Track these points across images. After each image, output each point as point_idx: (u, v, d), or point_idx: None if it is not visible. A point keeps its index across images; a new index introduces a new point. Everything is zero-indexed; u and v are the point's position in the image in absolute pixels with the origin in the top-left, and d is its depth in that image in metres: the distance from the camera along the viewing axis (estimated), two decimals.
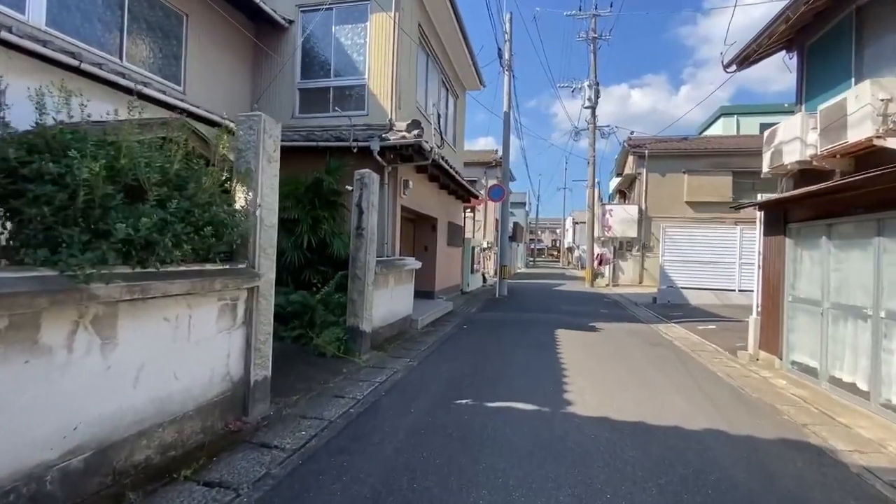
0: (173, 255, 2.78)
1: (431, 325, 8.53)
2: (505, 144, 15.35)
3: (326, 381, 4.78)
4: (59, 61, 4.69)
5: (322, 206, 7.57)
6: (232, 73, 8.34)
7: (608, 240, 21.20)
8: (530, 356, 6.24)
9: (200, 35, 7.60)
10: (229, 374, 3.55)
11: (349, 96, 8.62)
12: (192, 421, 3.18)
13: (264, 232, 3.77)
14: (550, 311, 11.28)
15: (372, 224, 5.98)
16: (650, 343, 7.57)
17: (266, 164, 3.77)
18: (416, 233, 11.49)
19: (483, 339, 7.41)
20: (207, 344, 3.29)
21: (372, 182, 5.95)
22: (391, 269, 6.76)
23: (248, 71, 8.78)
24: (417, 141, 7.42)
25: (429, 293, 11.25)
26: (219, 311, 3.38)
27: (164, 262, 2.82)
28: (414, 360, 5.92)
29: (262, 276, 3.73)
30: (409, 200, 8.98)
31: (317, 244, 7.25)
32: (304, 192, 7.53)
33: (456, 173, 10.37)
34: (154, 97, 5.64)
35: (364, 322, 5.88)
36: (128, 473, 2.68)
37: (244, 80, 8.71)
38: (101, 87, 5.10)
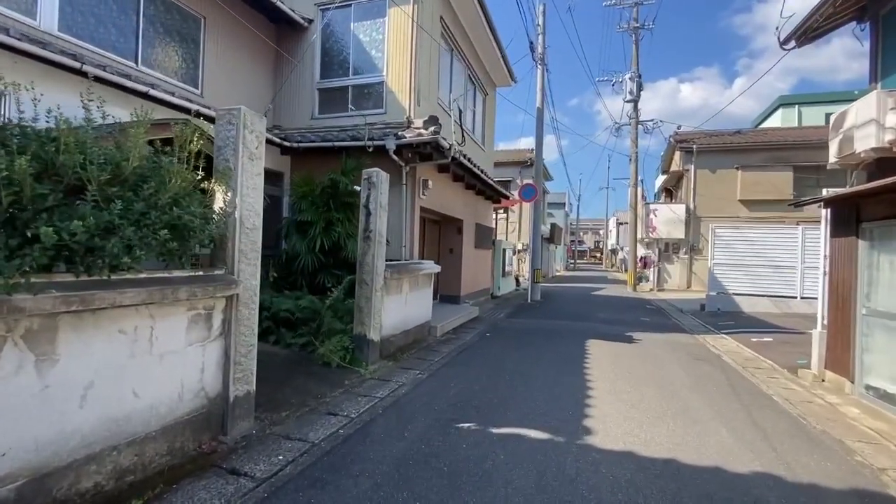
0: (122, 262, 2.50)
1: (452, 333, 8.08)
2: (538, 142, 14.66)
3: (323, 395, 4.44)
4: (62, 64, 4.66)
5: (337, 207, 7.32)
6: (251, 75, 8.28)
7: (653, 241, 19.93)
8: (553, 371, 5.66)
9: (218, 37, 7.57)
10: (204, 390, 3.27)
11: (368, 95, 8.35)
12: (156, 442, 2.91)
13: (245, 235, 3.47)
14: (585, 319, 10.53)
15: (380, 226, 5.62)
16: (694, 358, 6.75)
17: (247, 161, 3.47)
18: (441, 235, 11.09)
19: (504, 350, 6.87)
20: (175, 357, 3.01)
21: (381, 181, 5.60)
22: (405, 274, 6.39)
23: (268, 72, 8.71)
24: (434, 138, 7.01)
25: (454, 298, 10.81)
26: (189, 321, 3.11)
27: (117, 270, 2.56)
28: (424, 371, 5.50)
29: (241, 283, 3.44)
30: (430, 201, 8.59)
31: (329, 247, 7.00)
32: (320, 193, 7.32)
33: (481, 172, 9.88)
34: (162, 98, 5.57)
35: (371, 330, 5.52)
36: (71, 502, 2.42)
37: (264, 81, 8.64)
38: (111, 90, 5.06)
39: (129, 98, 5.34)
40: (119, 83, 5.17)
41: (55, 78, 4.64)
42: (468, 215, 11.28)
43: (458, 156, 7.90)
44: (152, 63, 6.54)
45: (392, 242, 7.82)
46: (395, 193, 7.74)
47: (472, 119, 11.73)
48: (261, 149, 3.62)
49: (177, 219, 2.81)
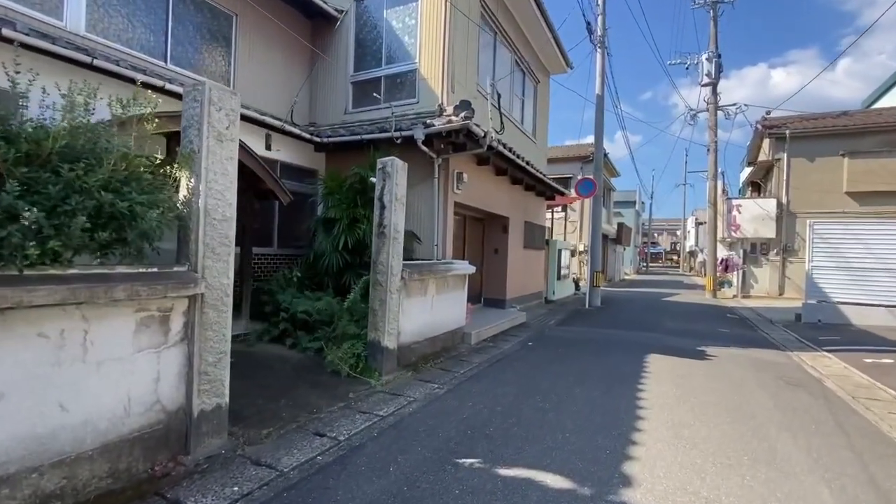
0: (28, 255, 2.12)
1: (490, 341, 7.32)
2: (597, 132, 13.40)
3: (319, 410, 3.94)
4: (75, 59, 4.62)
5: (364, 204, 6.88)
6: (285, 72, 8.14)
7: (736, 241, 17.61)
8: (597, 393, 4.73)
9: (251, 34, 7.49)
10: (160, 403, 2.86)
11: (400, 84, 7.88)
12: (93, 463, 2.52)
13: (211, 227, 3.04)
14: (649, 328, 9.23)
15: (396, 221, 5.04)
16: (786, 382, 5.42)
17: (214, 143, 3.04)
18: (485, 234, 10.34)
19: (544, 363, 6.00)
20: (119, 366, 2.62)
21: (396, 171, 5.03)
22: (429, 274, 5.76)
23: (302, 68, 8.54)
24: (465, 124, 6.33)
25: (498, 301, 10.01)
26: (138, 324, 2.71)
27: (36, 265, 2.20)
28: (444, 385, 4.83)
29: (206, 282, 3.01)
30: (467, 196, 7.90)
31: (354, 245, 6.57)
32: (347, 189, 6.93)
33: (526, 164, 9.01)
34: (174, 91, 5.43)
35: (386, 336, 4.96)
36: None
37: (298, 78, 8.48)
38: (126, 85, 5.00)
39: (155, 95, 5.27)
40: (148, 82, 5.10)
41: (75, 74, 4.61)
42: (515, 213, 10.42)
43: (495, 144, 7.14)
44: (181, 61, 6.53)
45: (423, 241, 7.25)
46: (426, 188, 7.17)
47: (520, 109, 10.88)
48: (233, 130, 3.18)
49: (108, 205, 2.41)
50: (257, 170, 5.84)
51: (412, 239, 7.31)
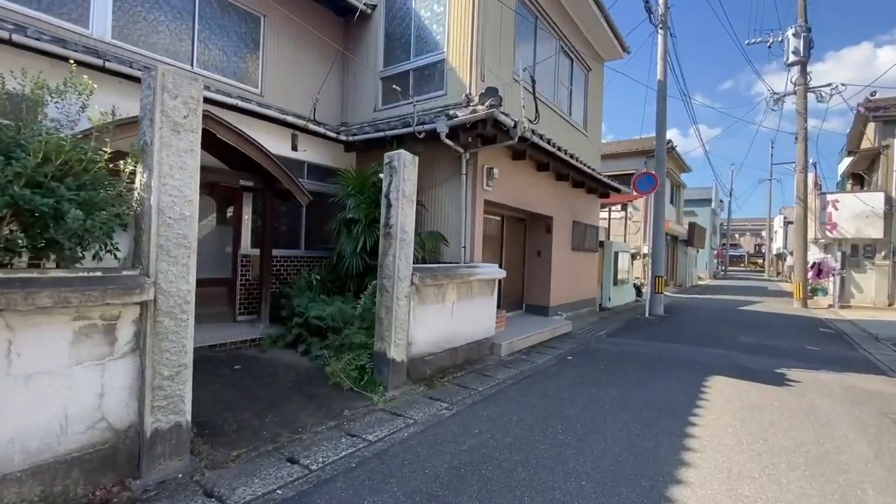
0: None
1: (524, 353, 6.62)
2: (659, 121, 12.10)
3: (304, 429, 3.55)
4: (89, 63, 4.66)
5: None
6: (314, 71, 8.01)
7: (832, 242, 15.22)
8: (636, 426, 3.92)
9: (280, 35, 7.43)
10: (105, 421, 2.60)
11: (428, 76, 7.43)
12: (22, 485, 2.29)
13: (166, 227, 2.74)
14: (717, 343, 7.99)
15: (404, 220, 4.58)
16: (893, 422, 4.23)
17: (169, 134, 2.75)
18: (526, 235, 9.59)
19: (579, 384, 5.23)
20: (52, 379, 2.38)
21: (403, 165, 4.56)
22: (447, 279, 5.23)
23: (334, 66, 8.38)
24: (490, 113, 5.73)
25: (541, 309, 9.21)
26: (76, 333, 2.46)
27: None
28: (455, 405, 4.27)
29: (158, 287, 2.72)
30: (501, 194, 7.26)
31: (372, 247, 6.19)
32: (368, 189, 6.59)
33: (571, 157, 8.18)
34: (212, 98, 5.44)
35: (393, 347, 4.50)
36: None
37: (330, 77, 8.33)
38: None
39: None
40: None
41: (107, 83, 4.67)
42: (561, 212, 9.56)
43: (528, 136, 6.46)
44: (208, 65, 6.56)
45: (450, 243, 6.73)
46: (453, 186, 6.66)
47: (567, 100, 10.01)
48: (192, 120, 2.87)
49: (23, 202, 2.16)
50: (272, 169, 5.66)
51: (438, 240, 6.82)
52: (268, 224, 6.22)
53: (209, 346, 5.25)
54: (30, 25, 4.68)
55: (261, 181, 5.97)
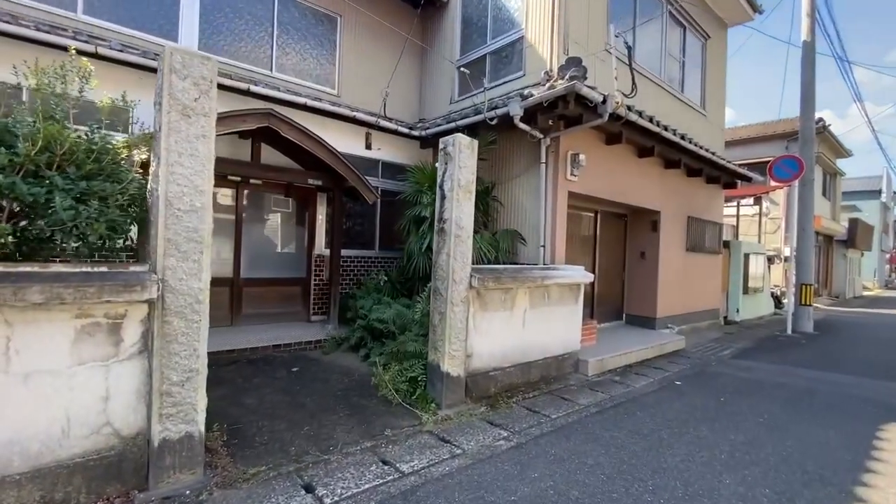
0: None
1: (617, 373, 5.55)
2: (806, 92, 9.75)
3: (335, 449, 3.15)
4: None
5: None
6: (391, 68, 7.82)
7: None
8: (763, 495, 2.79)
9: (356, 34, 7.37)
10: (110, 426, 2.44)
11: (506, 59, 6.74)
12: (22, 489, 2.19)
13: (175, 219, 2.52)
14: (892, 375, 5.95)
15: (459, 215, 3.98)
16: None
17: (179, 119, 2.53)
18: (627, 233, 8.29)
19: (685, 420, 4.09)
20: (53, 380, 2.26)
21: (459, 150, 3.97)
22: (514, 282, 4.49)
23: (412, 63, 8.12)
24: (571, 86, 4.87)
25: (646, 320, 7.86)
26: (78, 332, 2.32)
27: None
28: (515, 435, 3.54)
29: (166, 285, 2.50)
30: (590, 184, 6.26)
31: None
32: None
33: (680, 138, 6.80)
34: (277, 97, 5.53)
35: (447, 359, 3.92)
36: None
37: (408, 72, 8.09)
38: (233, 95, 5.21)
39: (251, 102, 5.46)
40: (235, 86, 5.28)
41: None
42: (671, 205, 8.09)
43: (623, 113, 5.40)
44: (286, 69, 6.69)
45: (528, 242, 5.96)
46: (531, 177, 5.90)
47: (678, 74, 8.49)
48: (205, 102, 2.63)
49: (6, 190, 2.04)
50: (338, 166, 5.49)
51: (514, 239, 6.08)
52: (336, 223, 6.10)
53: (273, 345, 5.22)
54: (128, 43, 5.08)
55: (330, 180, 5.85)
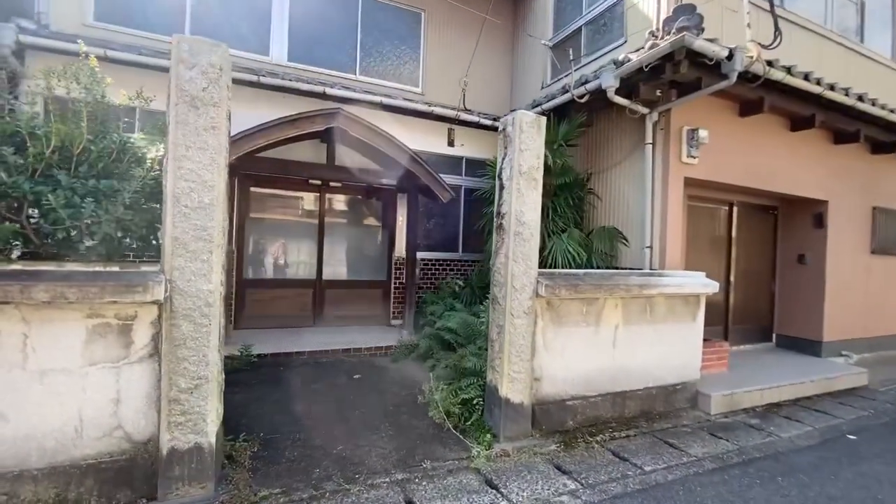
0: None
1: (755, 415, 4.19)
2: None
3: (358, 479, 2.75)
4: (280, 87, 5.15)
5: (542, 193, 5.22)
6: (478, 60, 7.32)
7: None
8: None
9: (441, 27, 7.08)
10: (122, 429, 2.38)
11: (604, 28, 5.73)
12: (38, 484, 2.22)
13: (182, 217, 2.39)
14: None
15: (520, 208, 3.29)
16: None
17: (186, 111, 2.40)
18: (777, 230, 6.45)
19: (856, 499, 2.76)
20: (66, 379, 2.27)
21: (520, 131, 3.28)
22: (601, 291, 3.59)
23: (502, 52, 7.53)
24: (678, 40, 3.80)
25: (806, 344, 5.99)
26: (90, 332, 2.30)
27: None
28: (585, 494, 2.72)
29: (174, 286, 2.37)
30: (717, 168, 4.94)
31: None
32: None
33: (857, 100, 4.98)
34: (336, 95, 5.47)
35: (505, 382, 3.26)
36: None
37: (498, 62, 7.51)
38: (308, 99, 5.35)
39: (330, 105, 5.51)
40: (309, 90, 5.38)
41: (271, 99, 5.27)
42: (845, 193, 6.06)
43: (761, 70, 4.07)
44: (370, 71, 6.67)
45: (630, 242, 4.93)
46: (634, 163, 4.91)
47: (855, 18, 6.39)
48: (213, 92, 2.45)
49: (10, 188, 2.05)
50: (408, 163, 5.23)
51: (613, 239, 5.08)
52: (412, 224, 5.82)
53: (343, 349, 5.10)
54: None
55: (404, 179, 5.60)
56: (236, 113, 4.88)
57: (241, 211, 5.59)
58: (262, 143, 4.59)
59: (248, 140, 4.48)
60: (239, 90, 5.30)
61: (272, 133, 4.58)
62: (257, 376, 4.31)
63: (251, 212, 5.75)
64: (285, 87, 5.33)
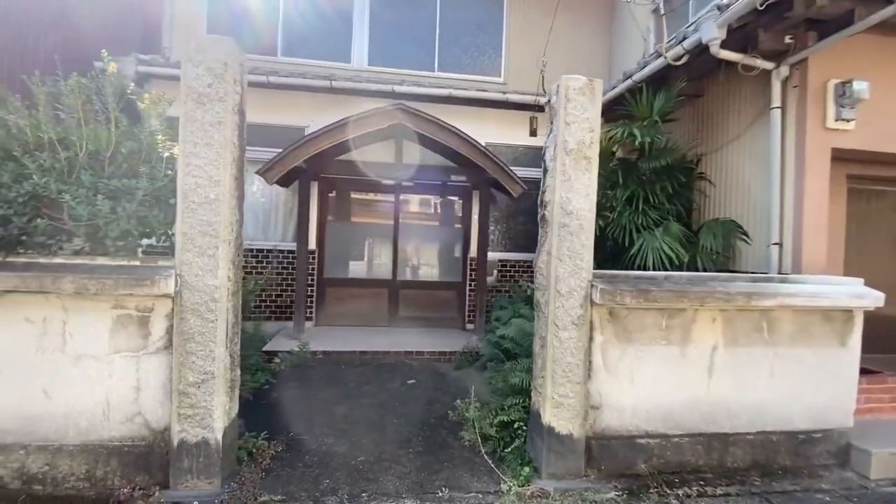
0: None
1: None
2: None
3: (362, 499, 2.48)
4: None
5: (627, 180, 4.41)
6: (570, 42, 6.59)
7: None
8: None
9: (525, 9, 6.54)
10: (141, 416, 2.50)
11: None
12: (73, 460, 2.44)
13: (190, 212, 2.43)
14: None
15: (565, 193, 2.68)
16: None
17: (194, 108, 2.43)
18: None
19: None
20: (96, 364, 2.46)
21: (566, 100, 2.67)
22: (683, 299, 2.74)
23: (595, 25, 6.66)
24: None
25: None
26: (114, 322, 2.46)
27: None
28: None
29: (183, 280, 2.41)
30: (877, 134, 3.54)
31: (610, 243, 4.32)
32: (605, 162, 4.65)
33: None
34: (404, 92, 5.37)
35: (548, 407, 2.68)
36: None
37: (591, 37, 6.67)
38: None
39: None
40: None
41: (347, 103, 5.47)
42: None
43: None
44: (448, 65, 6.46)
45: (753, 238, 3.86)
46: (756, 136, 3.88)
47: None
48: (218, 88, 2.44)
49: (42, 189, 2.26)
50: (476, 157, 4.86)
51: (730, 234, 4.00)
52: (482, 222, 5.41)
53: (405, 352, 4.92)
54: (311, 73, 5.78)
55: (474, 174, 5.24)
56: (316, 119, 5.03)
57: (321, 213, 5.83)
58: (328, 145, 4.67)
59: (313, 143, 4.60)
60: (315, 98, 5.57)
61: (335, 135, 4.64)
62: (316, 373, 4.37)
63: (330, 214, 5.97)
64: (357, 89, 5.41)
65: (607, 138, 4.52)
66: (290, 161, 4.63)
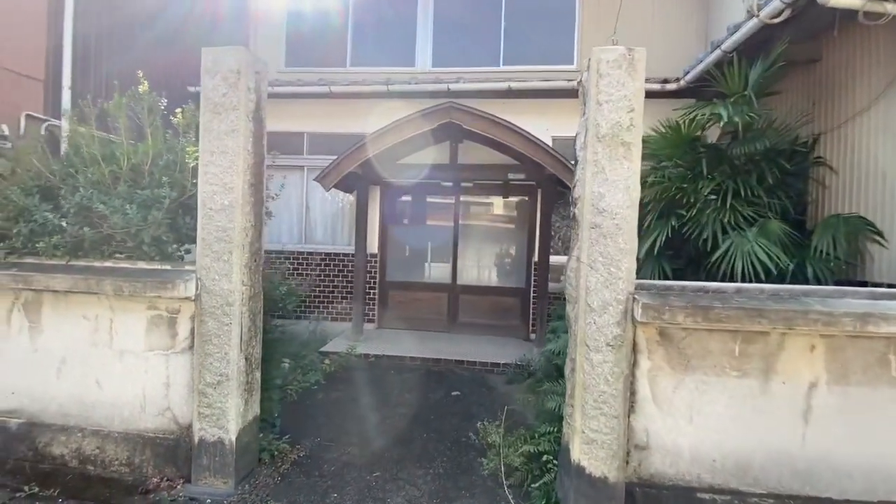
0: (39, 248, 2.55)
1: None
2: None
3: None
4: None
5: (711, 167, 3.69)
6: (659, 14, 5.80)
7: None
8: None
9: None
10: (171, 411, 2.66)
11: None
12: (117, 445, 2.68)
13: (207, 219, 2.52)
14: None
15: (598, 189, 2.23)
16: None
17: (210, 118, 2.52)
18: None
19: None
20: (134, 360, 2.67)
21: (597, 76, 2.22)
22: (758, 318, 2.09)
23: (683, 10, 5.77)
24: None
25: None
26: (149, 322, 2.65)
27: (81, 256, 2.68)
28: None
29: (202, 284, 2.51)
30: None
31: (681, 246, 3.67)
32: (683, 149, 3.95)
33: None
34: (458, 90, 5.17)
35: (577, 442, 2.26)
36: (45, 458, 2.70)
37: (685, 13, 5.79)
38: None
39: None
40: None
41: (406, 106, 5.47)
42: None
43: None
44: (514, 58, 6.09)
45: (889, 239, 2.97)
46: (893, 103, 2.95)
47: None
48: (232, 97, 2.49)
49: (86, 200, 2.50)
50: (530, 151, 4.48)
51: (857, 234, 3.10)
52: (545, 223, 4.97)
53: (457, 360, 4.69)
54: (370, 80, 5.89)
55: (533, 171, 4.85)
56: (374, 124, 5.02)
57: (383, 217, 5.88)
58: (379, 149, 4.67)
59: (363, 149, 4.63)
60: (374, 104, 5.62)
61: (384, 139, 4.62)
62: (363, 377, 4.36)
63: (390, 217, 5.99)
64: (413, 91, 5.35)
65: (688, 122, 3.81)
66: (344, 167, 4.72)
